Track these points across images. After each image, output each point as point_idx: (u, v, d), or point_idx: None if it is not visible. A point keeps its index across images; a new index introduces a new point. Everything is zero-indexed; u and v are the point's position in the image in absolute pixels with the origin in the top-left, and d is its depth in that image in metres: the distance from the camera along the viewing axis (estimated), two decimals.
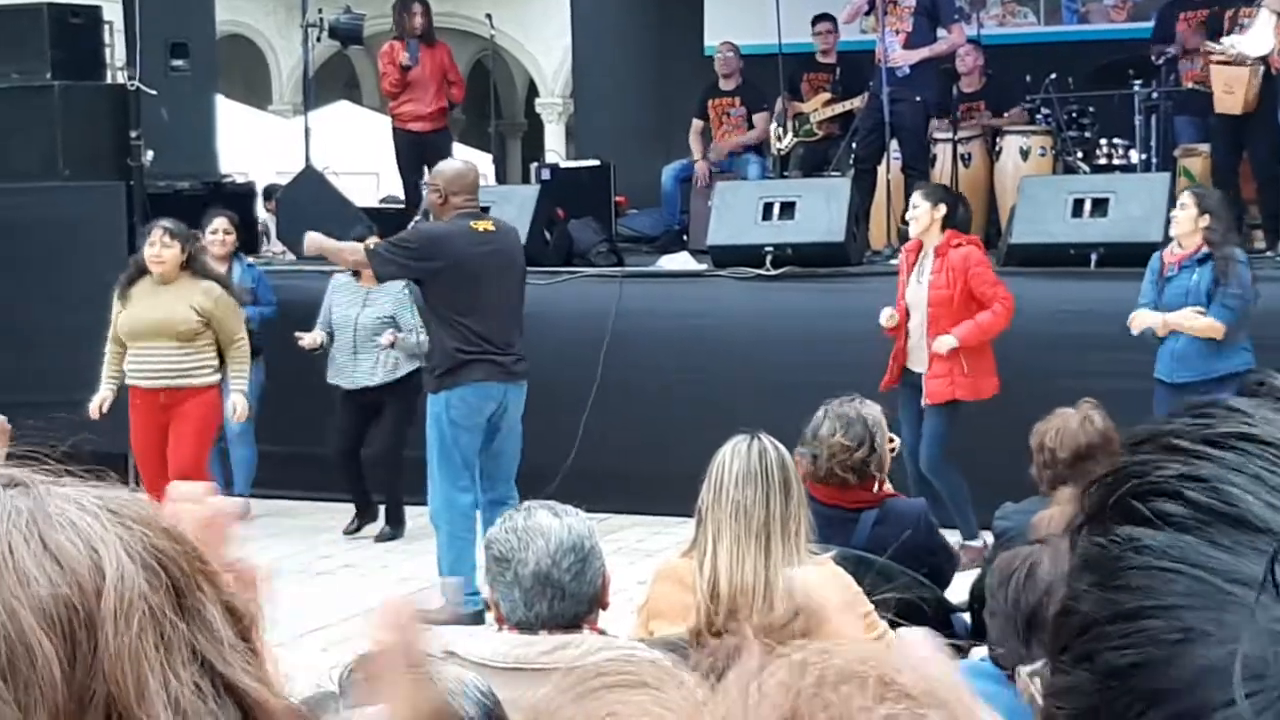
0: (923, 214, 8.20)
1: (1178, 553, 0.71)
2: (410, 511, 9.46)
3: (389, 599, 1.13)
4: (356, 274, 8.55)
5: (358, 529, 9.60)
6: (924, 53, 10.54)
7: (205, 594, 0.79)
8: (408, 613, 1.11)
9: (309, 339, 9.28)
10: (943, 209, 8.24)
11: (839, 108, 11.81)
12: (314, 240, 7.87)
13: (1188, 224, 7.70)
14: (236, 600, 0.81)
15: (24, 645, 0.72)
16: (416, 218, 7.86)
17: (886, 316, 8.27)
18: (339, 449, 9.50)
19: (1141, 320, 7.72)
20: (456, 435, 7.54)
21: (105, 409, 8.11)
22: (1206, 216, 7.67)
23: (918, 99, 10.49)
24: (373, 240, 7.67)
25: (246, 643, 0.80)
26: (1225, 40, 9.46)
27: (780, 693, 0.62)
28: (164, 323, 8.12)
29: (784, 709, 0.62)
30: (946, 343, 8.00)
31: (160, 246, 8.12)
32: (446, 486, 7.60)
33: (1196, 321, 7.62)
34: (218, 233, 9.72)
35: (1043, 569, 2.97)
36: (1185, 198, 7.89)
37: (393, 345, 9.17)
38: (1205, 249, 7.68)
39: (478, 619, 7.66)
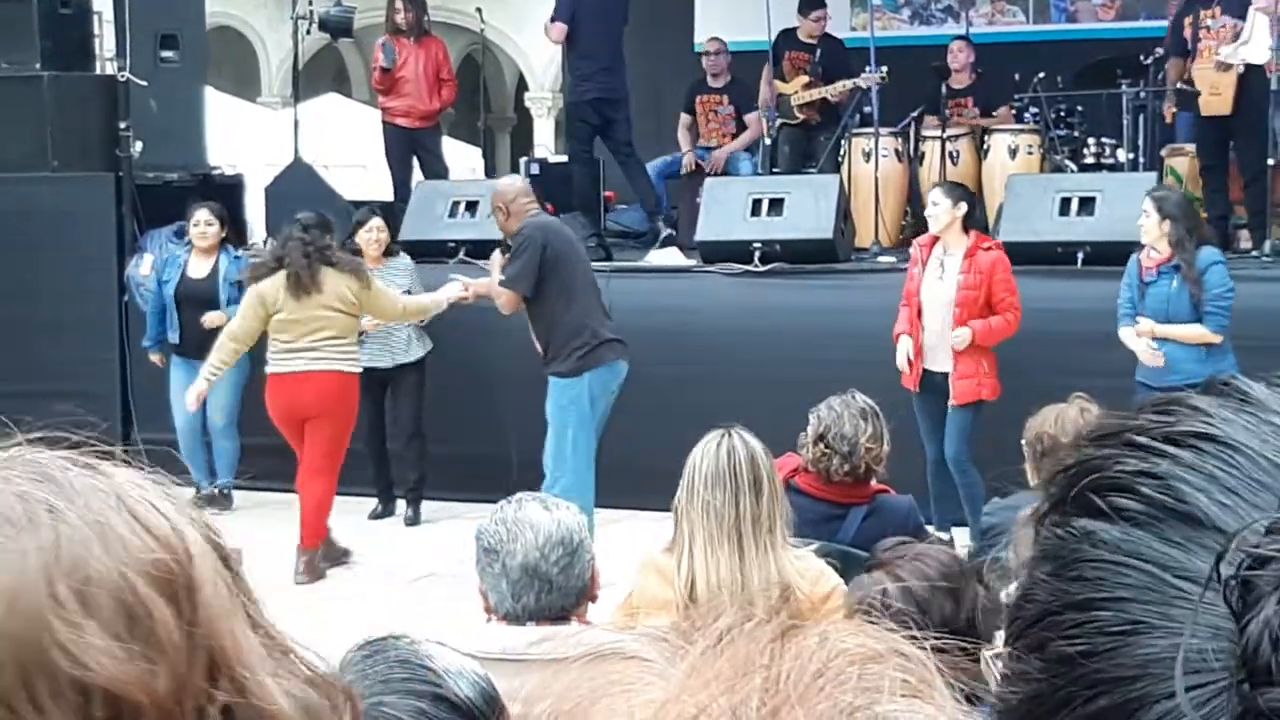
0: (943, 211, 8.17)
1: (1130, 547, 0.73)
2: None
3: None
4: (358, 253, 8.92)
5: (382, 514, 9.65)
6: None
7: (232, 566, 0.85)
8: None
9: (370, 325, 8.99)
10: (963, 207, 8.24)
11: (815, 94, 11.79)
12: (480, 284, 8.40)
13: (1153, 230, 7.64)
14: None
15: (143, 607, 0.76)
16: (498, 250, 8.15)
17: (903, 356, 8.18)
18: (370, 438, 9.39)
19: (1144, 332, 7.63)
20: (592, 415, 7.90)
21: None
22: (1167, 222, 7.58)
23: None
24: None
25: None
26: (1225, 49, 9.42)
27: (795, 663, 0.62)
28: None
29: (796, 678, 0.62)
30: (964, 336, 7.95)
31: None
32: (585, 468, 7.90)
33: (1190, 330, 7.58)
34: (199, 224, 9.64)
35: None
36: (1146, 204, 7.74)
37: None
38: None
39: None
